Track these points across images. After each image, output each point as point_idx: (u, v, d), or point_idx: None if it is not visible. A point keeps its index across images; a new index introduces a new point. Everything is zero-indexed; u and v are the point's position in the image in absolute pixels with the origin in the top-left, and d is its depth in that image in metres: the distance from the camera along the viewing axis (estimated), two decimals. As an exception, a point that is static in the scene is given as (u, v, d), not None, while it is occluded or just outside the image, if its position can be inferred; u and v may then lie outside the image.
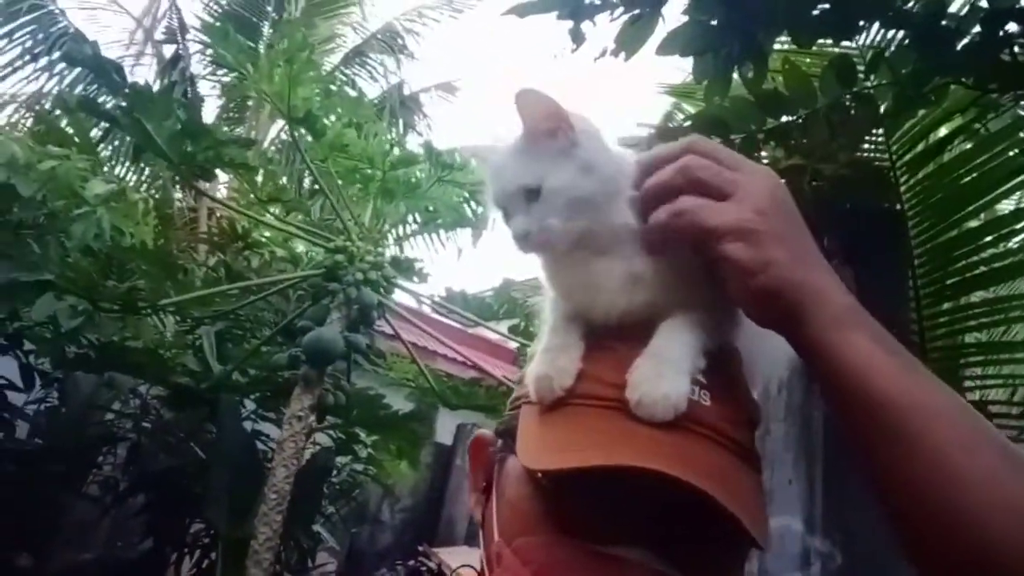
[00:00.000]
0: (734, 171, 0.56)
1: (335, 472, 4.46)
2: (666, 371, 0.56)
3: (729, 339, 0.62)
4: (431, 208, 3.48)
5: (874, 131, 2.11)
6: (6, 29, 5.73)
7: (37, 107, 5.62)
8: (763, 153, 2.06)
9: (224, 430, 3.64)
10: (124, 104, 2.52)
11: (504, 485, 0.62)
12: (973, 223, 2.35)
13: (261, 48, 4.48)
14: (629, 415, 0.55)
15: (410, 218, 4.17)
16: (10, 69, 5.85)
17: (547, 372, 0.59)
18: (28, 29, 5.68)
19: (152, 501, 4.51)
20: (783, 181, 0.60)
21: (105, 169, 4.37)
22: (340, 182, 3.24)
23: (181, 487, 4.45)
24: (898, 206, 2.23)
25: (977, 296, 2.44)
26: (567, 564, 0.54)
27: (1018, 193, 2.37)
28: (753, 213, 0.54)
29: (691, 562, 0.54)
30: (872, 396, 0.51)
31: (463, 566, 0.74)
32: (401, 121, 7.14)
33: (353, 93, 5.54)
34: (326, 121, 3.05)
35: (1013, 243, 2.32)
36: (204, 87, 6.89)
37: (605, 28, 1.70)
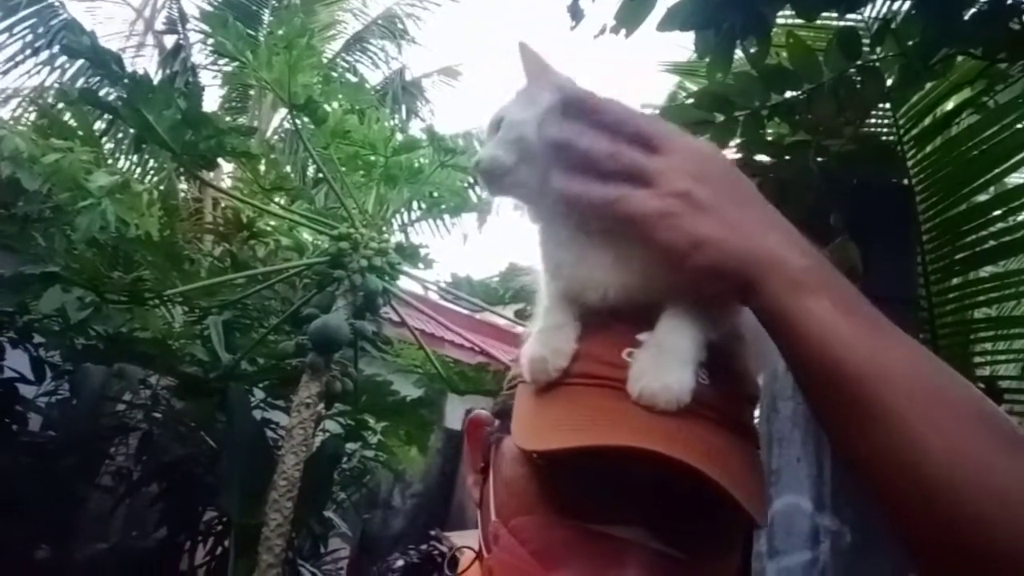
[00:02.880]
0: (660, 154, 0.54)
1: (345, 459, 4.48)
2: (668, 362, 0.55)
3: (734, 324, 0.60)
4: (434, 194, 3.47)
5: (881, 105, 2.07)
6: (6, 23, 5.73)
7: (40, 101, 5.62)
8: (768, 129, 2.04)
9: (234, 419, 3.66)
10: (124, 95, 2.51)
11: (500, 465, 0.62)
12: (982, 197, 2.32)
13: (261, 36, 4.47)
14: (625, 394, 0.54)
15: (414, 204, 4.16)
16: (12, 63, 5.87)
17: (542, 353, 0.59)
18: (28, 23, 5.67)
19: (165, 490, 4.55)
20: (715, 149, 0.58)
21: (109, 161, 4.37)
22: (343, 169, 3.23)
23: (193, 476, 4.49)
24: (906, 181, 2.20)
25: (986, 271, 2.41)
26: (564, 543, 0.54)
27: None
28: (673, 197, 0.52)
29: (689, 541, 0.53)
30: (830, 365, 0.49)
31: (462, 547, 0.74)
32: (404, 107, 7.10)
33: (354, 79, 5.51)
34: (327, 108, 3.03)
35: (1022, 216, 2.29)
36: (206, 77, 6.89)
37: (605, 5, 1.67)
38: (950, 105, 2.28)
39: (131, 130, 2.92)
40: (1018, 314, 2.54)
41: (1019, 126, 2.11)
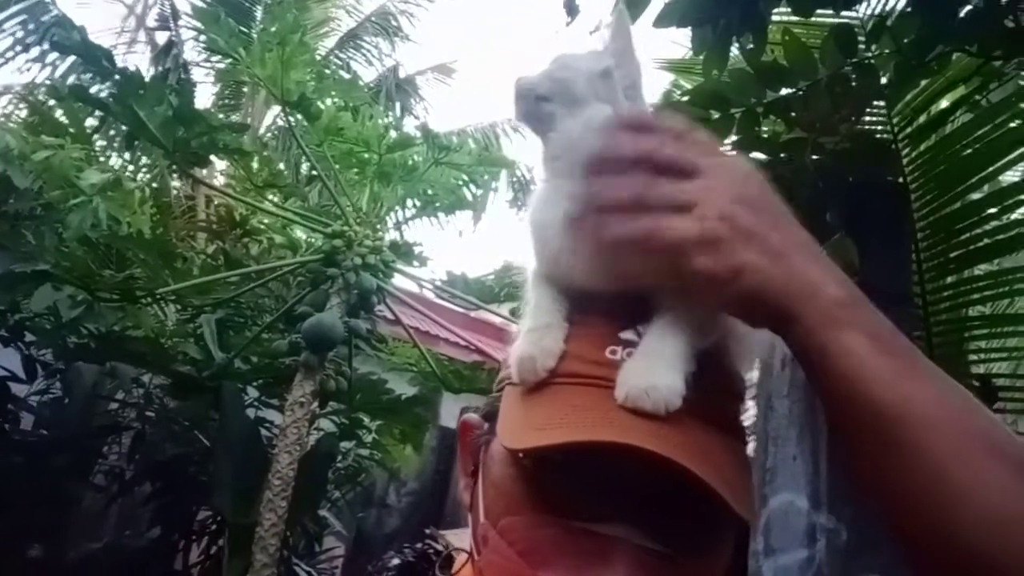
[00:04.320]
0: (693, 176, 0.53)
1: (340, 457, 4.48)
2: (656, 366, 0.54)
3: (724, 333, 0.60)
4: (429, 191, 3.46)
5: (876, 103, 2.07)
6: (-3, 20, 5.68)
7: (31, 98, 5.58)
8: (763, 127, 2.03)
9: (227, 418, 3.64)
10: (115, 91, 2.49)
11: (489, 467, 0.62)
12: (976, 195, 2.32)
13: (255, 33, 4.44)
14: (609, 391, 0.54)
15: (409, 202, 4.14)
16: (2, 60, 5.82)
17: (530, 352, 0.59)
18: (19, 19, 5.62)
19: (159, 489, 4.54)
20: (751, 167, 0.56)
21: (101, 159, 4.34)
22: (336, 166, 3.21)
23: (187, 475, 4.47)
24: (901, 179, 2.20)
25: (981, 268, 2.41)
26: (552, 542, 0.53)
27: (1023, 164, 2.33)
28: (716, 220, 0.51)
29: (676, 537, 0.53)
30: (865, 403, 0.48)
31: (457, 549, 0.73)
32: (398, 104, 7.08)
33: (348, 77, 5.49)
34: (320, 105, 3.01)
35: (1017, 214, 2.29)
36: (199, 74, 6.85)
37: (601, 1, 1.66)
38: (945, 103, 2.28)
39: (123, 127, 2.89)
40: (1012, 312, 2.54)
41: (1013, 124, 2.11)
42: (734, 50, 1.78)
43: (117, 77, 2.47)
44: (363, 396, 3.54)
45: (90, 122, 4.61)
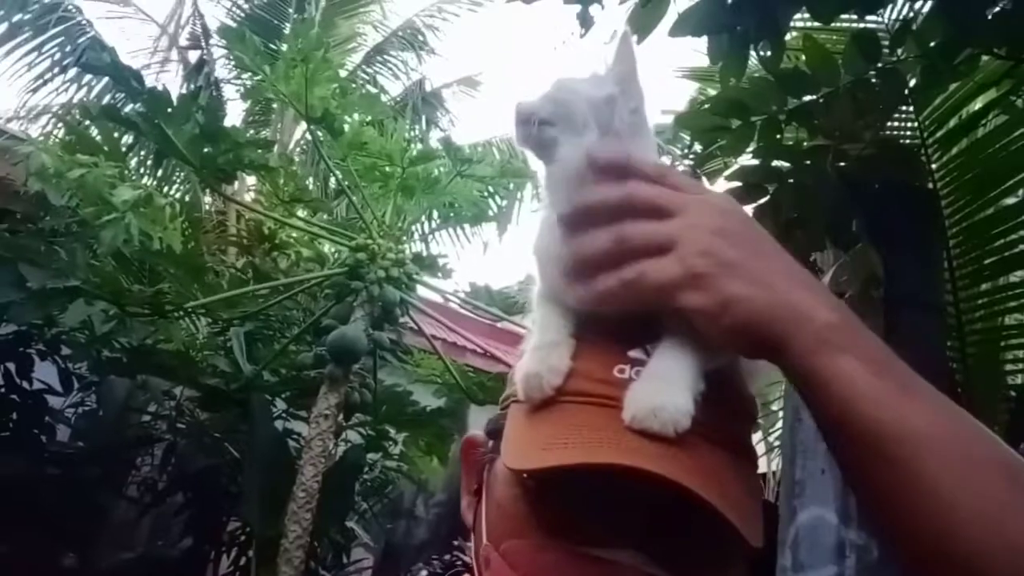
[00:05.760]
0: (674, 216, 0.53)
1: (367, 469, 4.50)
2: (665, 387, 0.53)
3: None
4: (452, 204, 3.47)
5: (902, 108, 2.03)
6: (36, 42, 5.85)
7: (68, 117, 5.74)
8: (786, 135, 2.00)
9: (256, 430, 3.69)
10: (143, 110, 2.55)
11: (492, 487, 0.61)
12: (1011, 200, 2.25)
13: (284, 48, 4.51)
14: (617, 411, 0.53)
15: (433, 214, 4.16)
16: (41, 81, 5.99)
17: (537, 371, 0.58)
18: (56, 41, 5.79)
19: (190, 500, 4.60)
20: (730, 201, 0.57)
21: (134, 177, 4.44)
22: (360, 180, 3.24)
23: (217, 486, 4.53)
24: (930, 185, 2.15)
25: (1017, 276, 2.34)
26: (555, 568, 0.52)
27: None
28: (698, 257, 0.51)
29: (683, 563, 0.52)
30: (859, 424, 0.48)
31: (458, 570, 0.72)
32: (423, 117, 7.13)
33: (373, 91, 5.55)
34: (344, 120, 3.05)
35: (1054, 219, 2.23)
36: (230, 91, 6.98)
37: (616, 11, 1.66)
38: (976, 106, 2.22)
39: (153, 145, 2.96)
40: (1051, 321, 2.46)
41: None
42: (753, 57, 1.76)
43: (146, 97, 2.52)
44: (388, 408, 3.56)
45: (126, 139, 4.73)
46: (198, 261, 3.31)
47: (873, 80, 1.78)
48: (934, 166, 2.22)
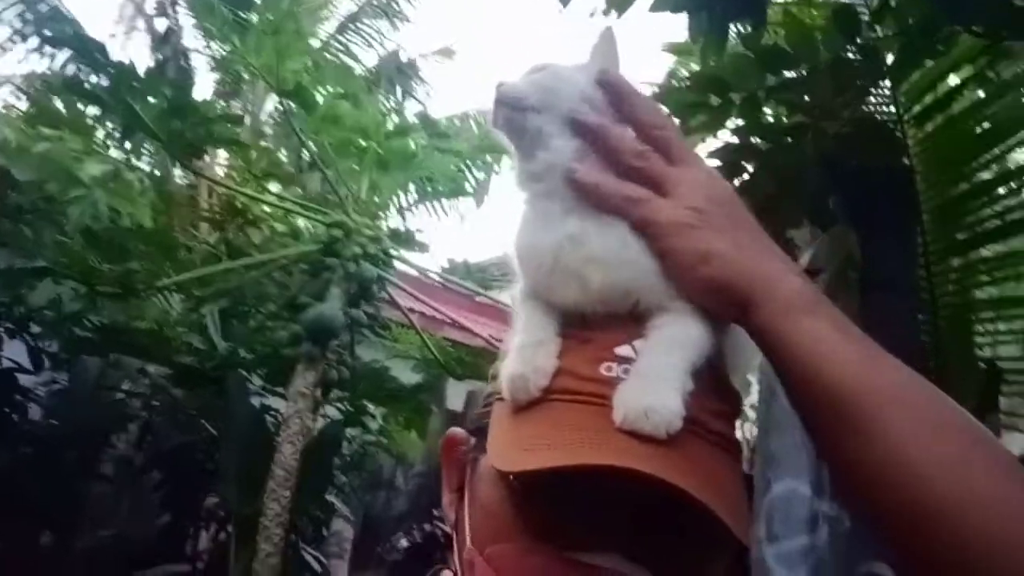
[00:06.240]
0: (676, 165, 0.57)
1: (346, 443, 4.50)
2: (655, 387, 0.52)
3: (720, 348, 0.58)
4: (429, 179, 3.43)
5: (880, 85, 2.02)
6: (-6, 9, 5.62)
7: (30, 89, 5.55)
8: (767, 110, 1.99)
9: (233, 407, 3.66)
10: (109, 84, 2.46)
11: (476, 488, 0.60)
12: (985, 175, 2.27)
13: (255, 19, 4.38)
14: (604, 410, 0.52)
15: (411, 187, 4.11)
16: (1, 51, 5.77)
17: (522, 371, 0.56)
18: (17, 10, 5.57)
19: (167, 477, 4.58)
20: (720, 176, 0.60)
21: (101, 150, 4.31)
22: (335, 155, 3.18)
23: (194, 463, 4.51)
24: (906, 161, 2.16)
25: (988, 251, 2.37)
26: (542, 573, 0.52)
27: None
28: (689, 210, 0.54)
29: (670, 563, 0.52)
30: (824, 384, 0.49)
31: (441, 569, 0.71)
32: (399, 88, 6.99)
33: (348, 62, 5.43)
34: (317, 94, 2.98)
35: (1024, 196, 2.25)
36: (199, 61, 6.78)
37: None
38: (952, 83, 2.23)
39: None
40: (1020, 295, 2.50)
41: (1017, 107, 2.06)
42: (734, 33, 1.74)
43: (111, 70, 2.44)
44: (366, 384, 3.54)
45: (91, 111, 4.59)
46: (169, 238, 3.25)
47: (853, 57, 1.77)
48: (910, 142, 2.22)
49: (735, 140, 1.85)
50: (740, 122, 1.89)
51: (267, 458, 3.16)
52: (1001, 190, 2.25)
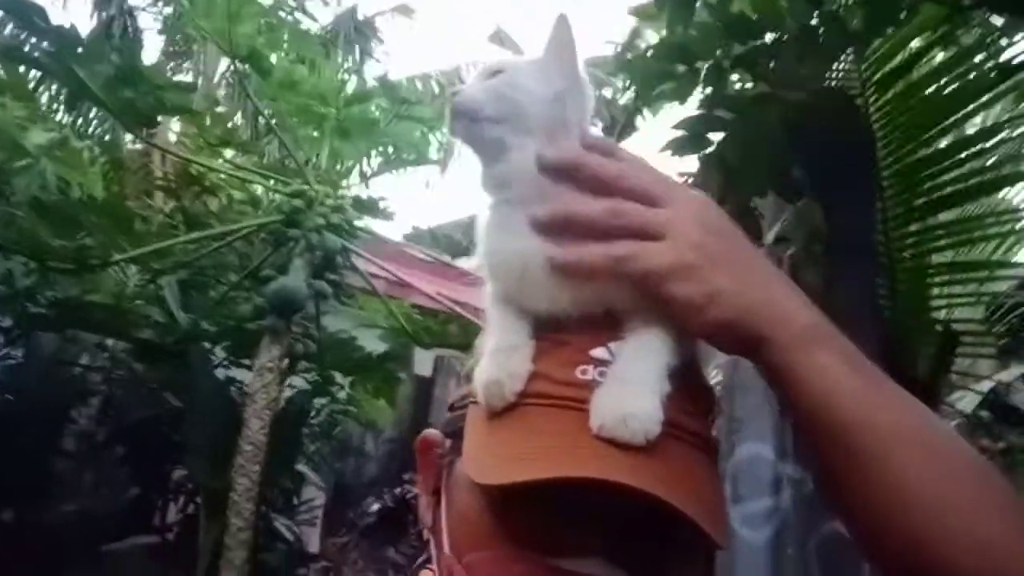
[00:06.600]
0: (664, 206, 0.54)
1: (314, 413, 4.47)
2: (632, 392, 0.52)
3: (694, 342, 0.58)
4: (392, 146, 3.35)
5: (845, 56, 2.02)
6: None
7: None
8: (734, 76, 1.98)
9: (197, 381, 3.60)
10: (51, 50, 2.34)
11: (453, 494, 0.60)
12: (943, 142, 2.30)
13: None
14: (581, 415, 0.52)
15: (374, 154, 4.02)
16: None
17: (497, 377, 0.56)
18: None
19: (132, 451, 4.52)
20: (710, 200, 0.58)
21: (47, 118, 4.13)
22: (293, 121, 3.09)
23: (159, 436, 4.45)
24: (869, 128, 2.17)
25: (945, 216, 2.42)
26: None
27: (989, 111, 2.32)
28: (689, 248, 0.52)
29: (651, 567, 0.52)
30: (834, 419, 0.50)
31: (423, 566, 0.71)
32: (357, 47, 6.81)
33: (302, 22, 5.25)
34: (273, 58, 2.87)
35: (981, 162, 2.29)
36: (147, 19, 6.49)
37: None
38: (914, 47, 2.23)
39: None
40: (974, 259, 2.57)
41: (979, 72, 2.08)
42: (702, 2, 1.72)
43: (52, 36, 2.31)
44: (333, 354, 3.51)
45: (33, 74, 4.38)
46: (123, 210, 3.14)
47: (818, 26, 1.76)
48: (871, 109, 2.24)
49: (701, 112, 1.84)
50: (706, 91, 1.88)
51: (233, 431, 3.12)
52: (957, 157, 2.29)
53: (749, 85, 2.03)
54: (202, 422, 3.46)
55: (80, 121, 4.95)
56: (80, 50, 2.32)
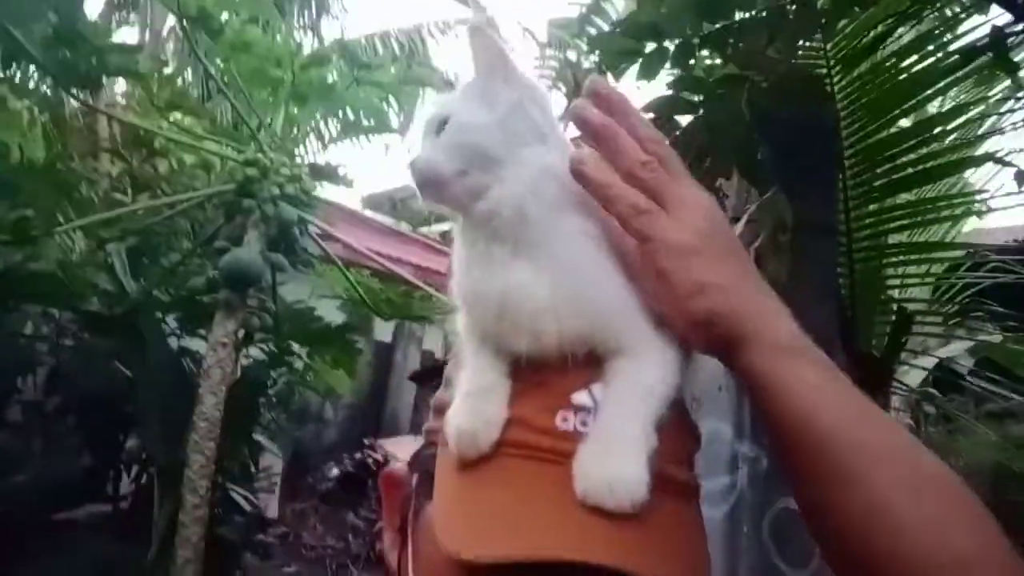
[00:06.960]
0: (676, 182, 0.54)
1: (271, 383, 4.40)
2: (618, 452, 0.50)
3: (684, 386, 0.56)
4: (350, 113, 3.25)
5: (813, 38, 2.01)
6: None
7: None
8: (704, 53, 1.94)
9: (149, 352, 3.49)
10: (-19, 6, 2.18)
11: (420, 541, 0.57)
12: (905, 123, 2.32)
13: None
14: (562, 471, 0.49)
15: (331, 122, 3.89)
16: None
17: (472, 426, 0.53)
18: None
19: (83, 421, 4.39)
20: (717, 204, 0.58)
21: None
22: (246, 86, 2.96)
23: (110, 406, 4.33)
24: (835, 110, 2.17)
25: (903, 198, 2.46)
26: None
27: (951, 93, 2.34)
28: (692, 233, 0.52)
29: None
30: (816, 433, 0.49)
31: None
32: (314, 4, 6.56)
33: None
34: (224, 16, 2.73)
35: (940, 145, 2.32)
36: (87, -34, 6.14)
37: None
38: (879, 29, 2.23)
39: None
40: (927, 239, 2.62)
41: (939, 56, 2.09)
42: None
43: (-19, -10, 2.16)
44: (291, 326, 3.44)
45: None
46: (67, 176, 2.98)
47: (787, 5, 1.73)
48: (837, 88, 2.24)
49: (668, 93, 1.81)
50: (674, 73, 1.85)
51: (187, 403, 3.05)
52: (917, 139, 2.31)
53: (719, 61, 2.01)
54: (155, 394, 3.37)
55: (19, 77, 4.69)
56: (14, 7, 2.17)
